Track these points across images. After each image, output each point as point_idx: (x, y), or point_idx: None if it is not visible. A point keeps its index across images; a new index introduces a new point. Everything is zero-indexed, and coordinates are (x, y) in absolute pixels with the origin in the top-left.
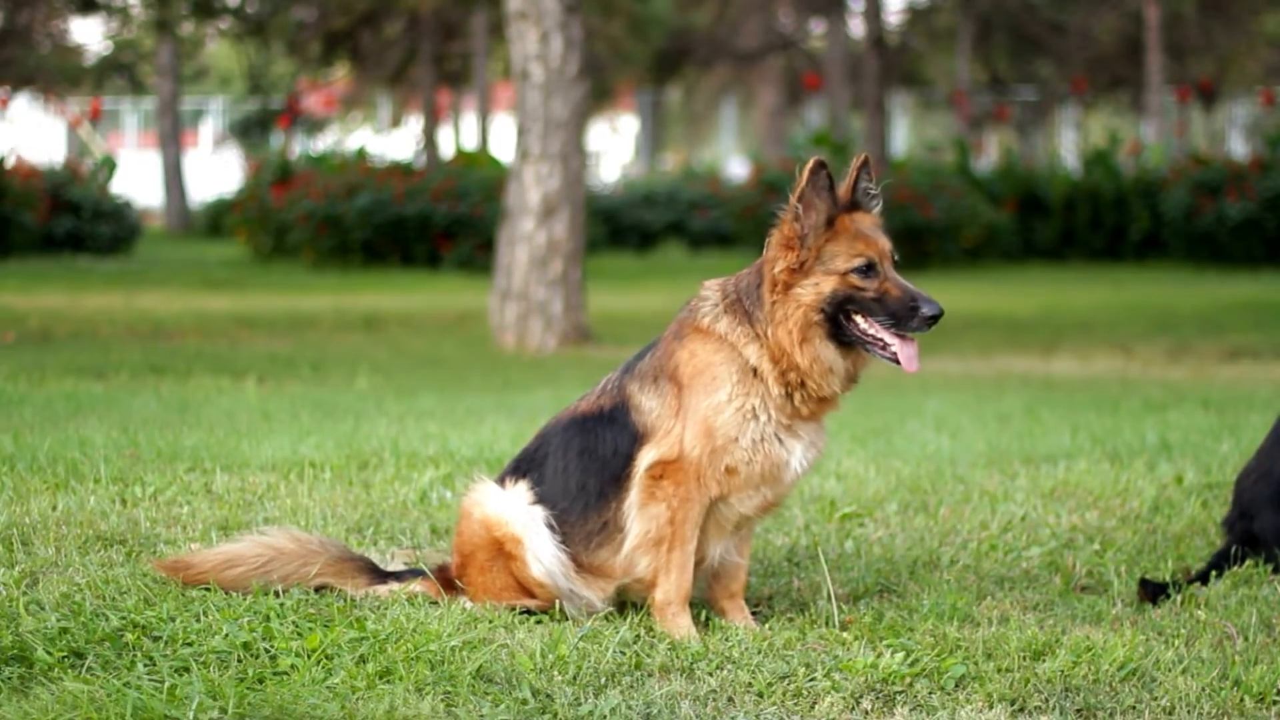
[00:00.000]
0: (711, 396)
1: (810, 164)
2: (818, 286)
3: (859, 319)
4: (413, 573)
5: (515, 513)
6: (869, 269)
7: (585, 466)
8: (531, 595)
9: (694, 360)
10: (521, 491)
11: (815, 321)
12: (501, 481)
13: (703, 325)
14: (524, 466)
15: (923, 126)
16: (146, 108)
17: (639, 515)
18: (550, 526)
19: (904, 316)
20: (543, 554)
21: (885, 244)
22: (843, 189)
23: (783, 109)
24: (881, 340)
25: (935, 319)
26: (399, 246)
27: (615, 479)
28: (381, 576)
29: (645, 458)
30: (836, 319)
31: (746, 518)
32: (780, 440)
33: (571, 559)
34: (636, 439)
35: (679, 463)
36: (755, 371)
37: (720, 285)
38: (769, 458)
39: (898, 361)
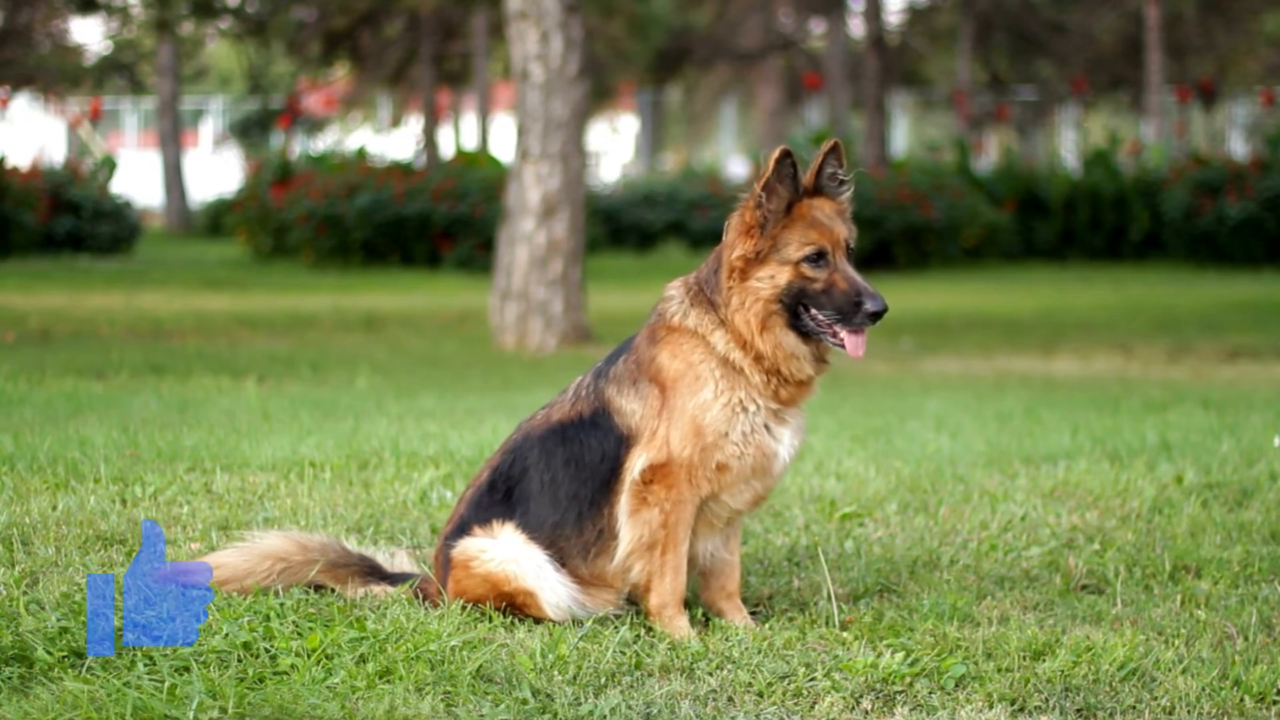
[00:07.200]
0: (698, 395)
1: (777, 152)
2: (774, 279)
3: (814, 309)
4: (409, 576)
5: (523, 566)
6: (819, 258)
7: (574, 475)
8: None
9: (675, 362)
10: (515, 536)
11: (774, 312)
12: (479, 506)
13: (674, 324)
14: (501, 484)
15: (923, 126)
16: (146, 108)
17: (630, 521)
18: (554, 565)
19: (848, 312)
20: (558, 600)
21: (840, 232)
22: (808, 175)
23: (783, 109)
24: (832, 329)
25: (878, 315)
26: (399, 246)
27: (606, 485)
28: (380, 578)
29: (636, 464)
30: (795, 309)
31: (737, 512)
32: (768, 429)
33: (571, 574)
34: (623, 442)
35: (669, 465)
36: (729, 361)
37: (682, 281)
38: (759, 449)
39: (844, 347)
